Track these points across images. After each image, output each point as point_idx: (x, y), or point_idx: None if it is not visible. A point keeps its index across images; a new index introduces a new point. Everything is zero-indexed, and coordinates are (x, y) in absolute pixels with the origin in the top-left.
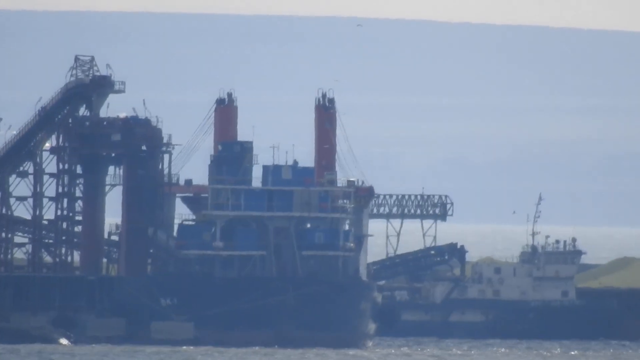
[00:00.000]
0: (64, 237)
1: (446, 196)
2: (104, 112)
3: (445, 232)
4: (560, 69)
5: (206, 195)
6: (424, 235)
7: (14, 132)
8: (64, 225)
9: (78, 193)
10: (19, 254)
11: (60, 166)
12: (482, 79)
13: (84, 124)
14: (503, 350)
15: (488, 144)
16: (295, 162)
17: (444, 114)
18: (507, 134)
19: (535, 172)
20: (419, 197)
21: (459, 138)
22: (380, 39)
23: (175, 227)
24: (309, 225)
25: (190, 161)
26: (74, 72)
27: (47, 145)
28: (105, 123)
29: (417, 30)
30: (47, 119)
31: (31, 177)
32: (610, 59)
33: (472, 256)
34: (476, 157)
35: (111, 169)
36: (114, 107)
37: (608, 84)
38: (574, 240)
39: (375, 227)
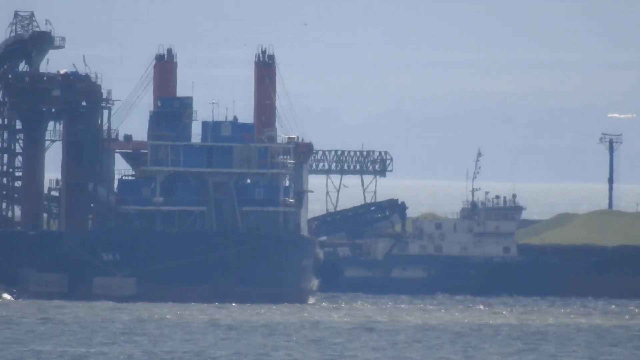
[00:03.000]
0: (4, 192)
1: (386, 152)
2: (44, 68)
3: (385, 188)
4: (498, 23)
5: (146, 151)
6: (364, 191)
7: None
8: (4, 180)
9: (18, 149)
10: None
11: (0, 121)
12: (419, 33)
13: (23, 80)
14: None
15: (425, 98)
16: (235, 118)
17: (380, 69)
18: (443, 88)
19: (473, 126)
20: (358, 153)
21: (395, 92)
22: None
23: (116, 183)
24: (249, 181)
25: (130, 117)
26: (14, 27)
27: None
28: (45, 79)
29: None
30: None
31: None
32: (549, 12)
33: (412, 212)
34: (413, 112)
35: (51, 124)
36: (54, 63)
37: (546, 38)
38: (514, 196)
39: (316, 183)
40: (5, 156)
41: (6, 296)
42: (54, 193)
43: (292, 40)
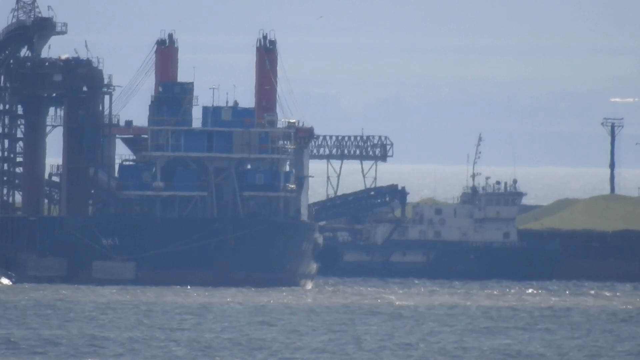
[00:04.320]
0: (5, 178)
1: (386, 137)
2: (45, 53)
3: (386, 173)
4: (498, 9)
5: (146, 136)
6: (364, 176)
7: None
8: (5, 166)
9: (19, 134)
10: None
11: (1, 107)
12: (419, 19)
13: (25, 65)
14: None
15: (424, 84)
16: (236, 103)
17: (379, 55)
18: (442, 74)
19: (473, 112)
20: (358, 138)
21: (394, 78)
22: None
23: (116, 169)
24: (249, 166)
25: (131, 102)
26: (16, 13)
27: None
28: (46, 64)
29: None
30: None
31: None
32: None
33: (412, 197)
34: (413, 98)
35: (52, 109)
36: (56, 49)
37: (545, 24)
38: (514, 181)
39: (316, 168)
40: (6, 141)
41: (5, 280)
42: (55, 178)
43: (292, 25)
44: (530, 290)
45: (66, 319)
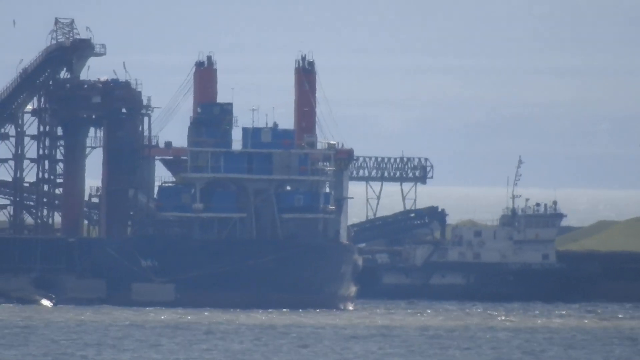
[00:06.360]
0: (45, 199)
1: (426, 159)
2: (84, 75)
3: (425, 195)
4: (538, 32)
5: (186, 157)
6: (403, 198)
7: None
8: (45, 187)
9: (59, 155)
10: (0, 216)
11: (41, 128)
12: (458, 39)
13: (64, 87)
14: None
15: (463, 105)
16: (275, 125)
17: (418, 75)
18: (482, 96)
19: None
20: (398, 160)
21: (433, 99)
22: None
23: (156, 190)
24: (288, 188)
25: (170, 123)
26: (55, 34)
27: (29, 107)
28: (85, 86)
29: None
30: (28, 82)
31: (12, 139)
32: (590, 21)
33: (452, 219)
34: (452, 120)
35: (91, 131)
36: (95, 70)
37: (585, 46)
38: (554, 203)
39: (355, 190)
40: (46, 163)
41: (45, 302)
42: (94, 200)
43: (330, 46)
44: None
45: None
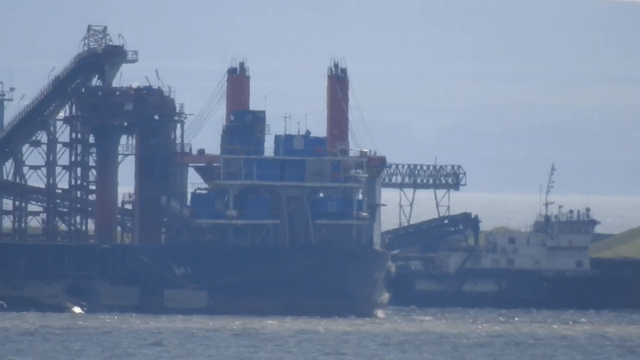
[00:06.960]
0: (78, 206)
1: (459, 166)
2: (117, 82)
3: (458, 202)
4: (571, 38)
5: (218, 164)
6: (437, 204)
7: (27, 102)
8: (78, 194)
9: (91, 162)
10: (33, 223)
11: (73, 135)
12: (490, 44)
13: (96, 94)
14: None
15: (495, 112)
16: (308, 132)
17: (451, 81)
18: (514, 102)
19: (546, 140)
20: (431, 167)
21: (466, 105)
22: (390, 6)
23: (189, 197)
24: (321, 195)
25: (203, 130)
26: (87, 41)
27: (61, 114)
28: (117, 93)
29: None
30: (60, 89)
31: (44, 146)
32: (609, 30)
33: (485, 226)
34: (485, 127)
35: (124, 138)
36: (127, 77)
37: (620, 52)
38: (587, 209)
39: (388, 197)
40: (79, 170)
41: (77, 309)
42: (128, 206)
43: (363, 53)
44: None
45: None
